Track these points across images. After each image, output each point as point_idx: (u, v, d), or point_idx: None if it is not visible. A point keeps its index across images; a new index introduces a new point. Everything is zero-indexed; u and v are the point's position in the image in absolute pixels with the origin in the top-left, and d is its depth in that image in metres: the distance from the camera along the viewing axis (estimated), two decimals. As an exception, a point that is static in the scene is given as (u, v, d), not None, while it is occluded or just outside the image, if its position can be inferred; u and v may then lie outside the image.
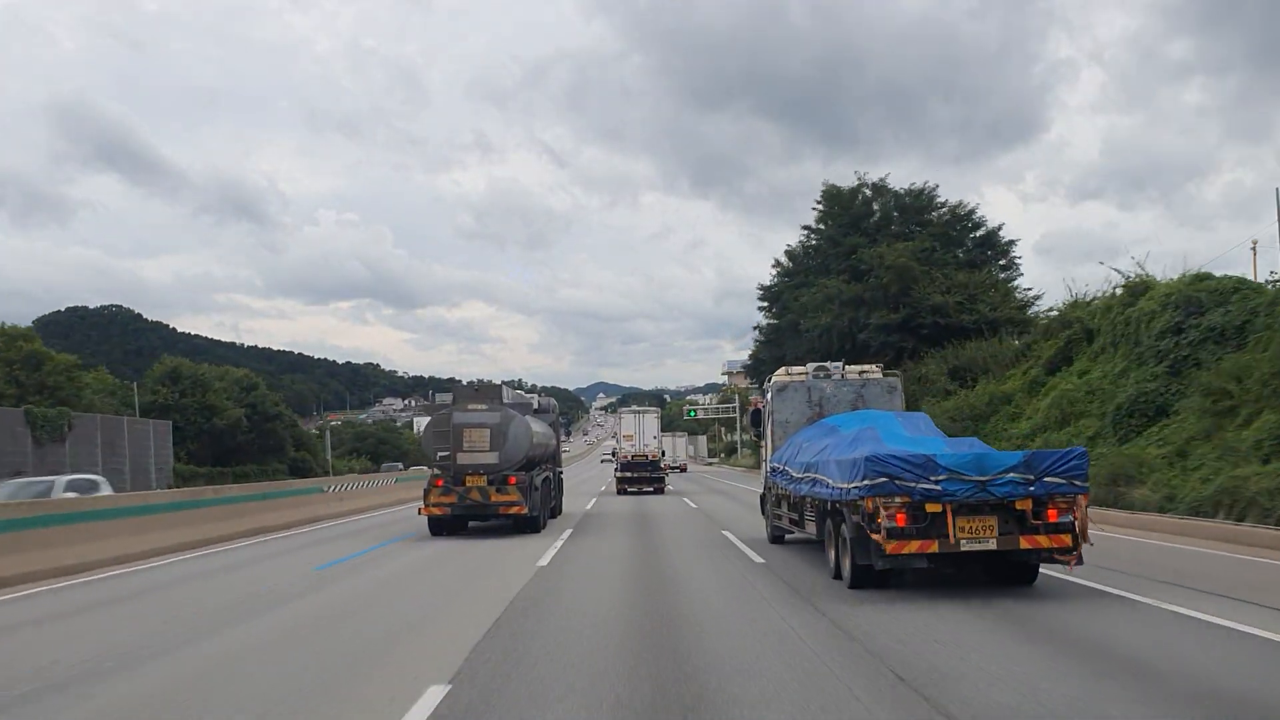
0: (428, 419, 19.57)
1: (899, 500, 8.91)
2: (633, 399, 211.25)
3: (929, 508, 8.92)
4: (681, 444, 65.89)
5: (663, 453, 38.72)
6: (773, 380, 15.57)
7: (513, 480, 17.63)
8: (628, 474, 36.54)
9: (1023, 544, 8.99)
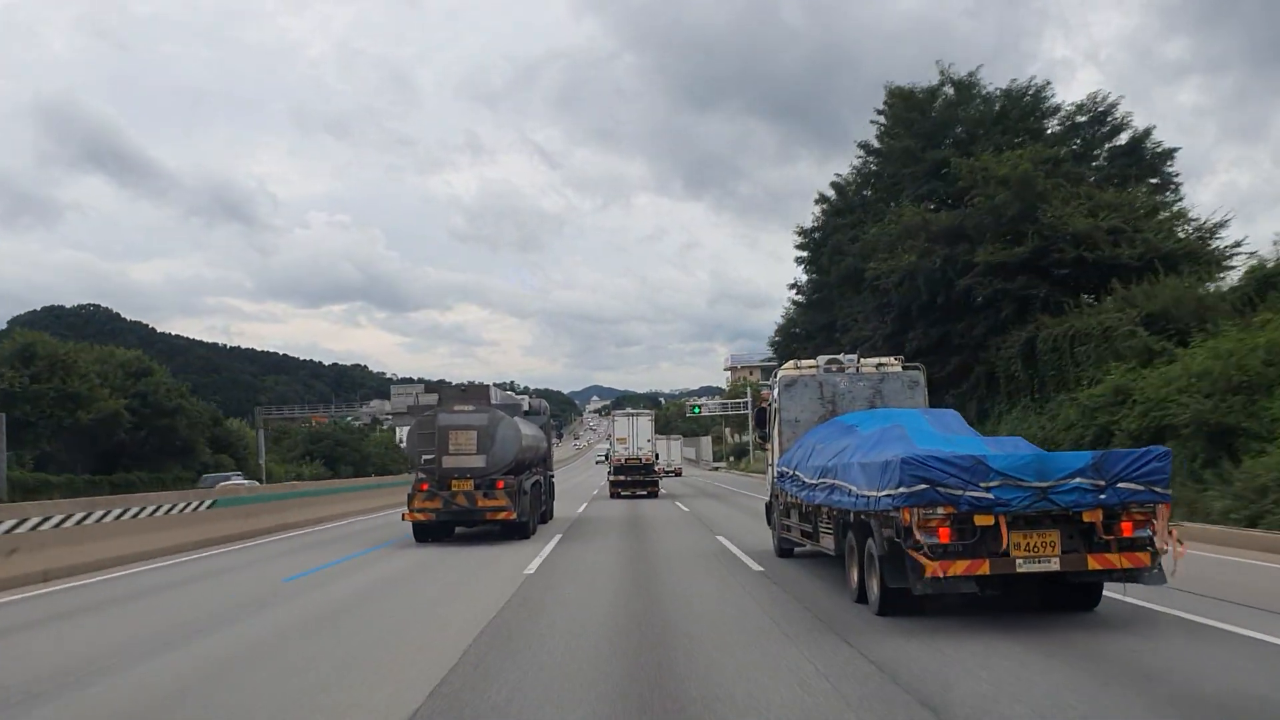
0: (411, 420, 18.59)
1: (942, 511, 7.45)
2: (627, 402, 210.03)
3: (979, 520, 7.46)
4: (676, 447, 64.23)
5: (656, 456, 37.90)
6: (779, 375, 14.10)
7: (500, 484, 16.92)
8: (621, 477, 35.79)
9: (1091, 564, 7.51)
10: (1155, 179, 33.88)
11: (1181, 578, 8.38)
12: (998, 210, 29.46)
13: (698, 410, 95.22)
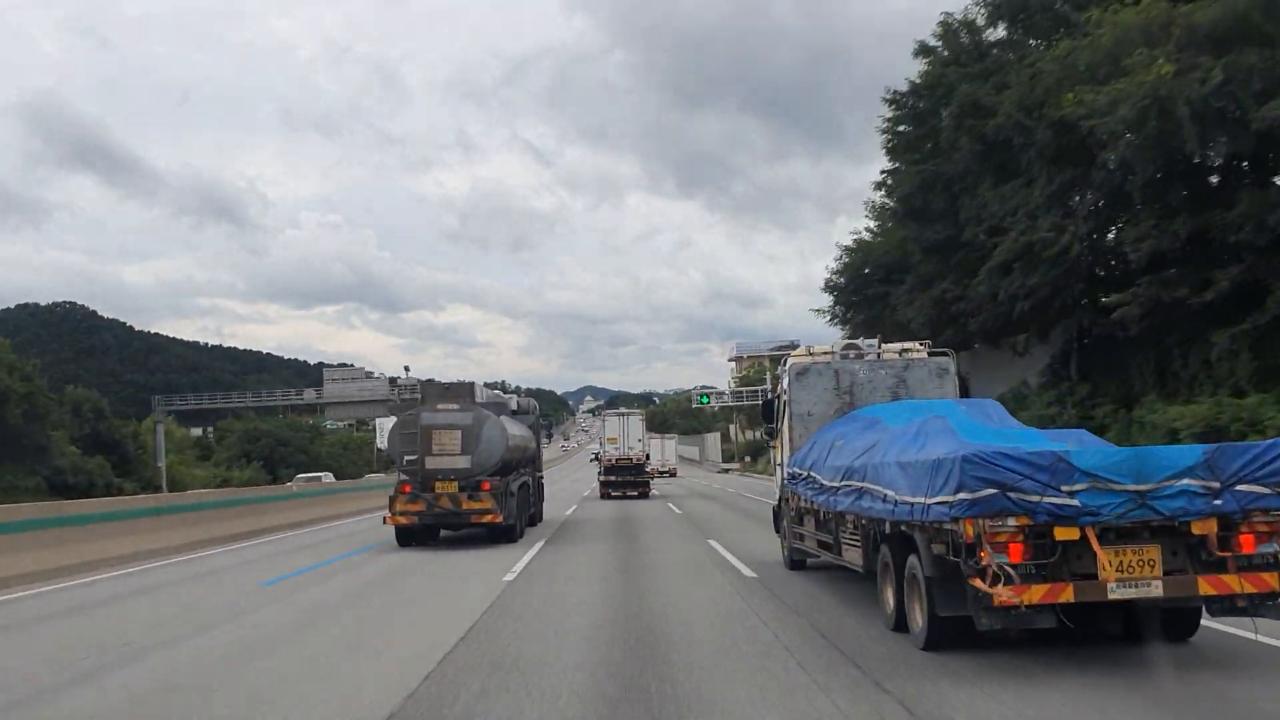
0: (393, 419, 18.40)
1: (1015, 523, 5.90)
2: (621, 402, 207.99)
3: (1060, 534, 5.90)
4: (671, 446, 62.53)
5: (647, 456, 37.10)
6: (789, 363, 12.47)
7: (486, 486, 16.24)
8: (611, 478, 34.94)
9: (1203, 588, 5.95)
10: None
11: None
12: None
13: (706, 400, 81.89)
